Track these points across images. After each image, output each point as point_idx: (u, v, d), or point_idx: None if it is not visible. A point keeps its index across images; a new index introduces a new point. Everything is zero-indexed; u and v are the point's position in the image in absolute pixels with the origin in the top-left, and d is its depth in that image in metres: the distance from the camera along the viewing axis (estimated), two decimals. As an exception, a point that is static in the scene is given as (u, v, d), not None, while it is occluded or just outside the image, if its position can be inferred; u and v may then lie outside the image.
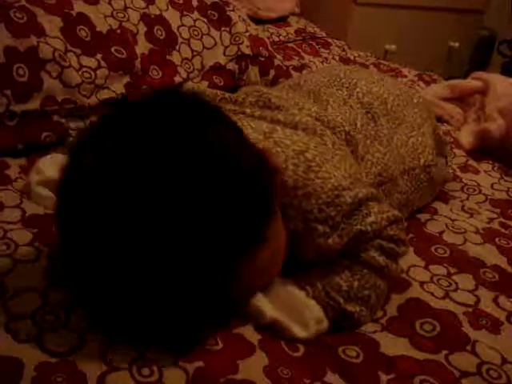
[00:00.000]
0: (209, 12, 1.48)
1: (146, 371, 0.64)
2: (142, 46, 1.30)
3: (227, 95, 0.94)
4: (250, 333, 0.73)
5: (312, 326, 0.75)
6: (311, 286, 0.78)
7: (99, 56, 1.20)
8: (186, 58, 1.38)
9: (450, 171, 1.18)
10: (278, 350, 0.72)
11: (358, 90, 1.03)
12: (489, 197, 1.21)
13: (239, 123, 0.78)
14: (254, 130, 0.81)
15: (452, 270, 0.94)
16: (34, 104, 1.09)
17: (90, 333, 0.67)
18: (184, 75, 1.36)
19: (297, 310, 0.76)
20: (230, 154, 0.64)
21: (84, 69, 1.17)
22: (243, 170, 0.64)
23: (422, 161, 1.03)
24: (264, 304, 0.75)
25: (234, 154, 0.65)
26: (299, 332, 0.75)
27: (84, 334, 0.67)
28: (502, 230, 1.09)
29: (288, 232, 0.76)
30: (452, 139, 1.41)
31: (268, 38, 1.68)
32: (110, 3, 1.29)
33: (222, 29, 1.48)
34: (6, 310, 0.69)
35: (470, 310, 0.85)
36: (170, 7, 1.41)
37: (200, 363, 0.66)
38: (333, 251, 0.78)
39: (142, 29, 1.32)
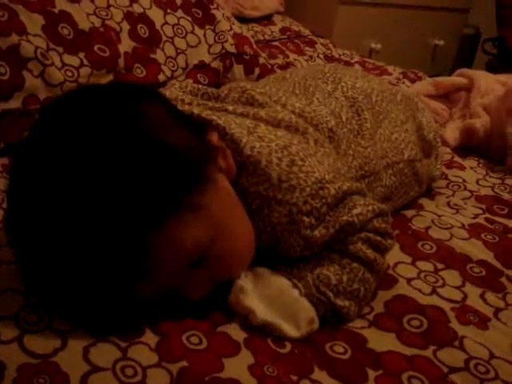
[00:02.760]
0: (193, 10, 1.48)
1: (129, 371, 0.63)
2: (126, 45, 1.29)
3: (209, 90, 0.93)
4: (235, 331, 0.73)
5: (304, 326, 0.75)
6: (302, 281, 0.77)
7: (82, 54, 1.19)
8: (170, 57, 1.37)
9: (438, 173, 1.18)
10: (264, 347, 0.72)
11: (342, 84, 1.03)
12: (474, 193, 1.21)
13: (222, 118, 0.80)
14: (237, 125, 0.80)
15: (439, 266, 0.93)
16: (15, 103, 1.08)
17: (72, 333, 0.67)
18: (168, 74, 1.35)
19: (290, 309, 0.75)
20: (150, 127, 0.68)
21: (66, 67, 1.16)
22: (158, 140, 0.67)
23: (406, 155, 1.03)
24: (255, 304, 0.74)
25: (154, 126, 0.69)
26: (291, 331, 0.74)
27: (66, 334, 0.66)
28: (488, 226, 1.09)
29: (271, 226, 0.77)
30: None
31: (253, 37, 1.68)
32: (92, 1, 1.29)
33: (206, 27, 1.48)
34: (-12, 311, 0.68)
35: (458, 305, 0.85)
36: (153, 5, 1.41)
37: (184, 363, 0.66)
38: (319, 244, 0.78)
39: (126, 27, 1.32)
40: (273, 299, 0.75)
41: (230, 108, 0.86)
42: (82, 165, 0.63)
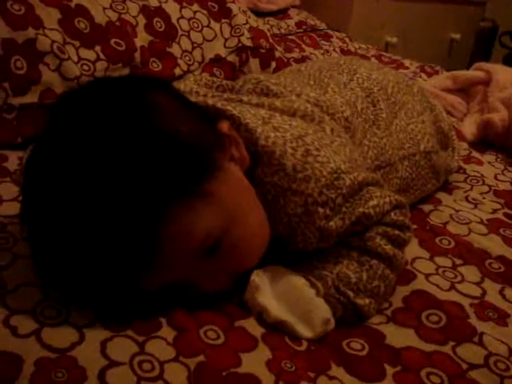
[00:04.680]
0: (209, 4, 1.47)
1: (146, 366, 0.63)
2: (142, 39, 1.29)
3: (224, 82, 0.93)
4: (252, 326, 0.72)
5: (318, 326, 0.74)
6: (321, 281, 0.76)
7: (98, 48, 1.19)
8: (186, 51, 1.37)
9: (455, 165, 1.17)
10: (282, 343, 0.71)
11: (358, 75, 1.02)
12: (493, 187, 1.20)
13: (237, 109, 0.80)
14: (252, 115, 0.80)
15: (457, 262, 0.93)
16: (32, 97, 1.08)
17: (89, 328, 0.66)
18: (184, 67, 1.35)
19: (304, 309, 0.74)
20: (159, 116, 0.68)
21: (83, 61, 1.16)
22: (167, 128, 0.67)
23: (422, 147, 1.02)
24: (269, 302, 0.74)
25: (163, 115, 0.69)
26: (305, 332, 0.73)
27: (84, 329, 0.66)
28: (507, 221, 1.07)
29: (288, 217, 0.77)
30: (455, 130, 1.39)
31: (268, 31, 1.67)
32: (108, -5, 1.28)
33: (222, 21, 1.47)
34: (5, 305, 0.68)
35: (477, 301, 0.84)
36: (169, -1, 1.40)
37: (201, 357, 0.65)
38: (334, 235, 0.77)
39: (142, 21, 1.31)
40: (288, 298, 0.75)
41: (245, 99, 0.86)
42: (93, 156, 0.64)
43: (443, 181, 1.14)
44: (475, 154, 1.35)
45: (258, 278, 0.75)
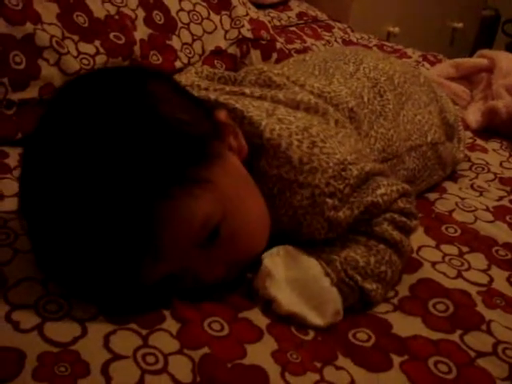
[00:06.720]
0: (208, -4, 1.46)
1: (150, 359, 0.62)
2: (141, 32, 1.28)
3: (226, 74, 0.92)
4: (257, 317, 0.72)
5: (329, 316, 0.73)
6: (330, 265, 0.75)
7: (97, 42, 1.19)
8: (187, 43, 1.36)
9: (461, 156, 1.16)
10: (287, 334, 0.71)
11: (364, 65, 1.01)
12: (498, 175, 1.19)
13: (240, 102, 0.79)
14: (255, 108, 0.79)
15: (464, 249, 0.92)
16: (31, 92, 1.07)
17: (92, 322, 0.66)
18: (185, 60, 1.34)
19: (317, 298, 0.74)
20: (156, 103, 0.68)
21: (82, 55, 1.15)
22: (164, 114, 0.67)
23: (429, 138, 1.02)
24: (281, 293, 0.73)
25: (160, 102, 0.69)
26: (315, 320, 0.73)
27: (86, 322, 0.66)
28: (513, 208, 1.07)
29: (293, 210, 0.76)
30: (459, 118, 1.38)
31: (269, 22, 1.66)
32: (107, -11, 1.27)
33: (222, 12, 1.46)
34: (7, 300, 0.67)
35: (484, 289, 0.83)
36: (168, -9, 1.39)
37: (206, 349, 0.65)
38: (343, 225, 0.77)
39: (141, 14, 1.31)
40: (301, 286, 0.74)
41: (248, 91, 0.85)
42: (91, 144, 0.63)
43: (450, 172, 1.14)
44: (480, 141, 1.34)
45: (271, 262, 0.74)
